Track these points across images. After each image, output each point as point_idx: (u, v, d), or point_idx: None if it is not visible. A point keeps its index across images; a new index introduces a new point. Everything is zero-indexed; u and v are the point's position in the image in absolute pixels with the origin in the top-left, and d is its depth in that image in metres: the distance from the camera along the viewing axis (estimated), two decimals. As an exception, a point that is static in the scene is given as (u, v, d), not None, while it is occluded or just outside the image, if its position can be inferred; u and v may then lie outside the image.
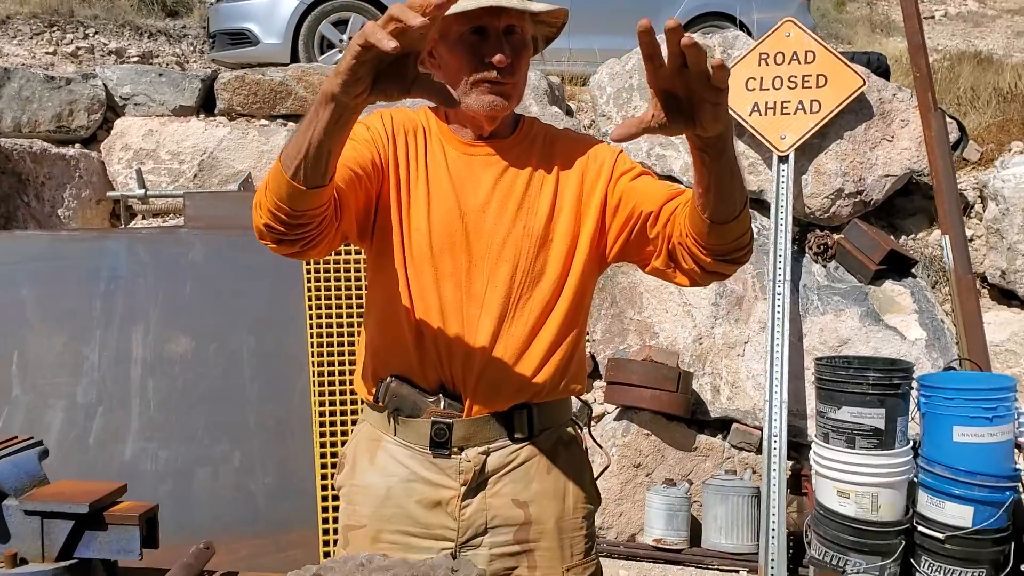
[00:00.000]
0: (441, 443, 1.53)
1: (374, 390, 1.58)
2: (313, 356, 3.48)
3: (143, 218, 4.05)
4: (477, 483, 1.53)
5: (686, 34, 1.13)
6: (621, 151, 1.64)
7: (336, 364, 3.48)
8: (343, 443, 3.40)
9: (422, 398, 1.54)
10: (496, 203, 1.55)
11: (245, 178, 3.85)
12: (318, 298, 3.57)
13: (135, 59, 6.19)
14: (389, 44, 1.06)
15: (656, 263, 1.52)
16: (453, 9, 1.38)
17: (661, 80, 1.18)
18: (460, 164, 1.57)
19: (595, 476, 1.68)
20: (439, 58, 1.53)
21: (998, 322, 3.92)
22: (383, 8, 6.04)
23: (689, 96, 1.19)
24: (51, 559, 1.30)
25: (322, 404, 3.41)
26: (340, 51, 5.98)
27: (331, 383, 3.45)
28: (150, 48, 6.88)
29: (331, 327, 3.52)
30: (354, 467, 1.62)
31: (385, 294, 1.56)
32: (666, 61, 1.17)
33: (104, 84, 4.28)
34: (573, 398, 1.68)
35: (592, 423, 3.84)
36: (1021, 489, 3.18)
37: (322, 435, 3.36)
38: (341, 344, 3.51)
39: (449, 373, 1.52)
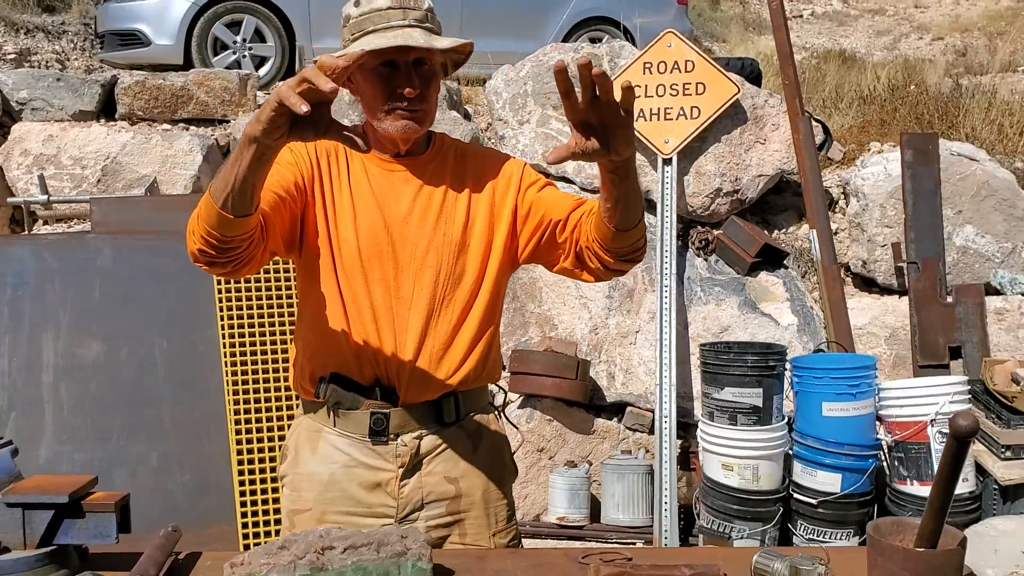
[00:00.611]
0: (379, 431, 1.70)
1: (314, 388, 1.75)
2: (226, 356, 3.57)
3: (46, 224, 4.04)
4: (412, 464, 1.72)
5: (595, 67, 1.34)
6: (525, 164, 1.85)
7: (249, 363, 3.57)
8: (258, 439, 3.54)
9: (360, 393, 1.71)
10: (417, 214, 1.72)
11: (151, 183, 3.90)
12: (228, 299, 3.66)
13: (12, 56, 6.05)
14: (302, 108, 1.23)
15: (565, 264, 1.74)
16: (368, 47, 1.58)
17: (578, 113, 1.38)
18: (381, 180, 1.73)
19: (512, 451, 1.90)
20: (357, 85, 1.69)
21: (860, 307, 4.29)
22: (275, 10, 6.10)
23: (603, 124, 1.39)
24: (32, 546, 1.42)
25: (236, 403, 3.50)
26: (234, 52, 6.00)
27: (244, 381, 3.54)
28: (28, 45, 6.69)
29: (243, 327, 3.62)
30: (297, 457, 1.79)
31: (319, 300, 1.72)
32: (579, 95, 1.37)
33: (-1, 89, 4.24)
34: (491, 385, 1.89)
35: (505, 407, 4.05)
36: (882, 457, 3.55)
37: (238, 432, 3.46)
38: (253, 343, 3.60)
39: (384, 369, 1.69)
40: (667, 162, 4.19)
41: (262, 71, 6.20)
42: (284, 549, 1.37)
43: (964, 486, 3.31)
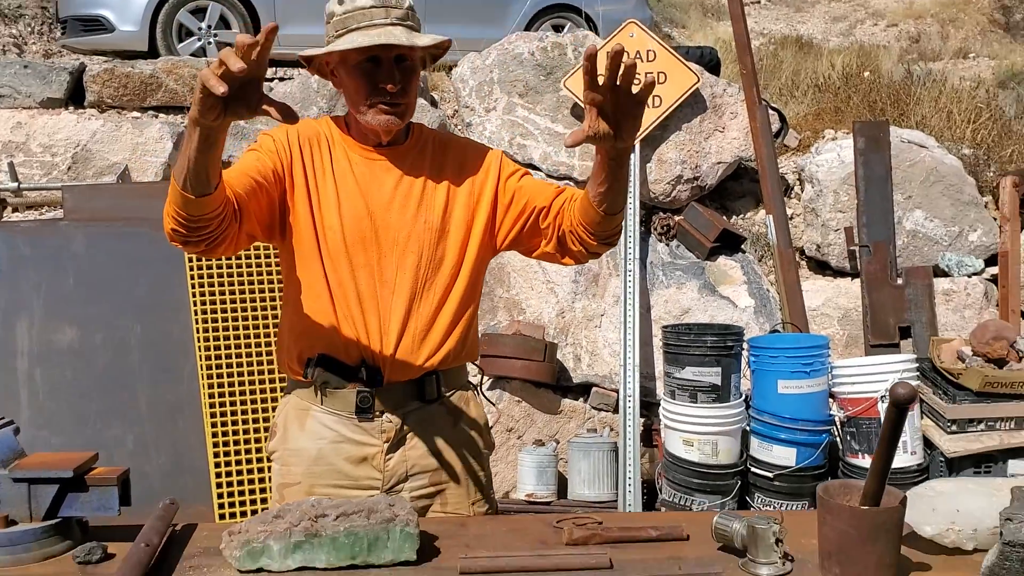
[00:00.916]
0: (365, 409, 1.80)
1: (302, 368, 1.84)
2: (200, 340, 3.63)
3: (16, 211, 4.06)
4: (397, 439, 1.82)
5: (627, 56, 1.44)
6: (503, 154, 1.95)
7: (223, 347, 3.64)
8: (232, 422, 3.61)
9: (346, 372, 1.81)
10: (399, 201, 1.80)
11: (123, 171, 3.93)
12: (201, 285, 3.71)
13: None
14: (219, 90, 1.30)
15: (546, 248, 1.85)
16: (350, 45, 1.67)
17: (597, 97, 1.48)
18: (364, 169, 1.82)
19: (490, 426, 2.01)
20: (341, 79, 1.78)
21: (814, 290, 4.45)
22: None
23: (616, 111, 1.49)
24: (38, 519, 1.51)
25: (211, 386, 3.57)
26: (199, 39, 6.00)
27: (219, 365, 3.60)
28: (-18, 29, 6.62)
29: (215, 312, 3.68)
30: (285, 434, 1.88)
31: (305, 284, 1.80)
32: (601, 81, 1.45)
33: (-36, 76, 4.24)
34: (469, 364, 2.00)
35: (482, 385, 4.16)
36: (835, 432, 3.72)
37: (212, 415, 3.52)
38: (226, 328, 3.67)
39: (369, 350, 1.79)
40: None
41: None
42: (279, 518, 1.47)
43: (912, 459, 3.49)
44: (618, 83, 1.45)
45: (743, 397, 3.67)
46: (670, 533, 1.58)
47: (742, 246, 4.50)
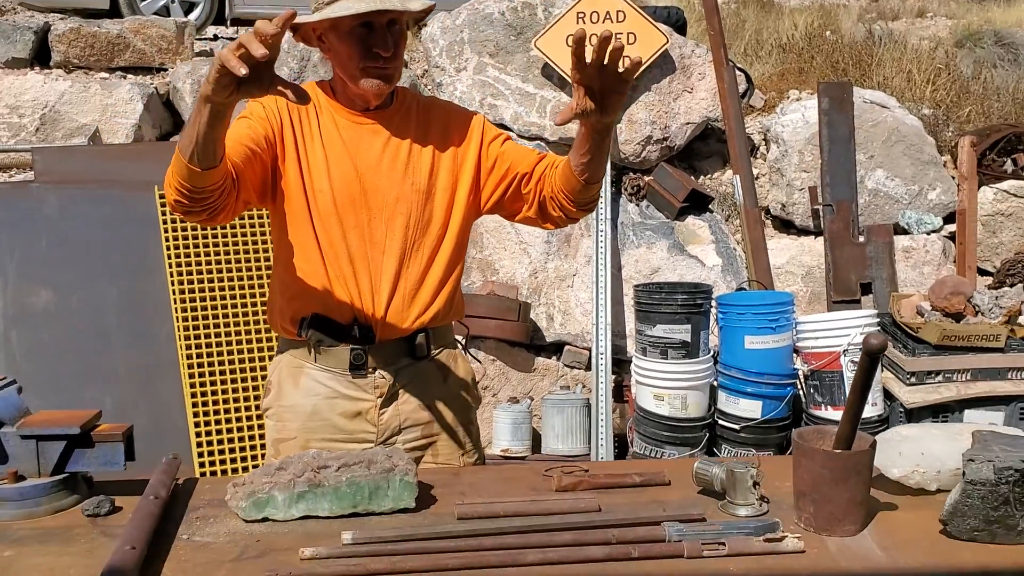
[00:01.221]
0: (359, 366, 1.87)
1: (295, 328, 1.89)
2: (176, 302, 3.66)
3: (-16, 173, 4.03)
4: (390, 394, 1.89)
5: (615, 39, 1.48)
6: (484, 118, 2.00)
7: (199, 308, 3.67)
8: (212, 382, 3.64)
9: (339, 331, 1.86)
10: (386, 163, 1.85)
11: (94, 132, 3.91)
12: (177, 246, 3.73)
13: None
14: (241, 71, 1.36)
15: (528, 213, 1.91)
16: (346, 11, 1.69)
17: (585, 76, 1.54)
18: (351, 133, 1.86)
19: (476, 382, 2.08)
20: (330, 44, 1.79)
21: (779, 248, 4.56)
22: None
23: (603, 89, 1.55)
24: (46, 474, 1.56)
25: (188, 347, 3.60)
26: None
27: (196, 326, 3.63)
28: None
29: (191, 273, 3.70)
30: (280, 391, 1.94)
31: (297, 247, 1.86)
32: (589, 59, 1.51)
33: (-75, 35, 4.16)
34: (456, 323, 2.07)
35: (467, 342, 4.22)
36: (799, 385, 3.85)
37: (191, 376, 3.56)
38: (203, 289, 3.69)
39: (361, 309, 1.85)
40: (600, 110, 4.35)
41: (192, 16, 6.14)
42: (282, 470, 1.54)
43: (873, 410, 3.63)
44: (605, 63, 1.51)
45: (711, 353, 3.78)
46: (652, 479, 1.67)
47: (709, 206, 4.58)
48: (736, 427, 3.68)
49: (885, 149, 4.54)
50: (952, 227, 4.53)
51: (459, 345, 2.07)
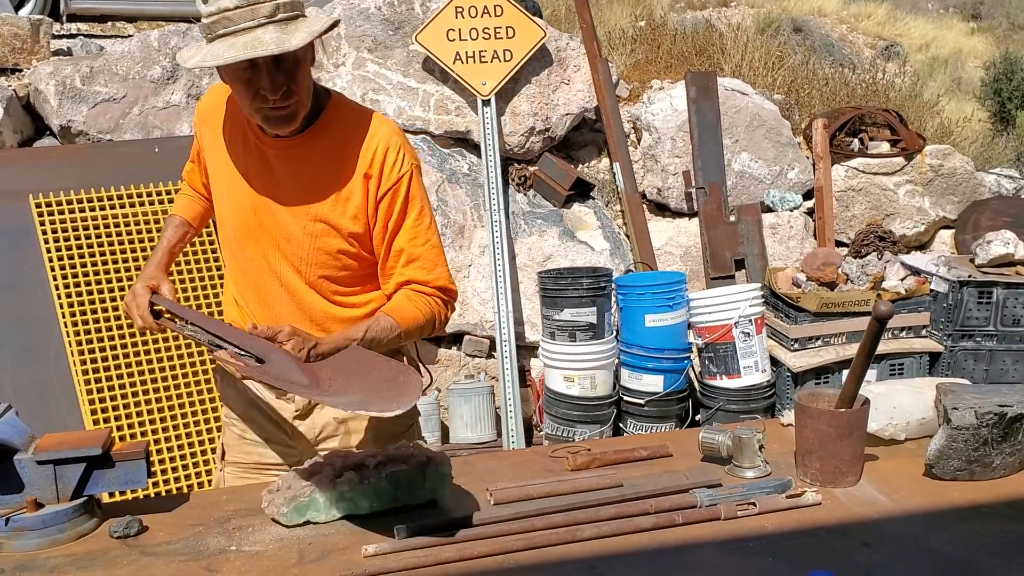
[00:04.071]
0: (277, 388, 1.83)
1: None
2: (65, 317, 3.47)
3: None
4: (307, 409, 1.88)
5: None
6: (406, 175, 1.76)
7: (91, 322, 3.50)
8: (111, 396, 3.48)
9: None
10: (282, 197, 1.75)
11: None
12: (60, 259, 3.54)
13: None
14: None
15: None
16: (215, 61, 1.54)
17: None
18: (254, 157, 1.76)
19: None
20: (226, 81, 1.66)
21: (657, 230, 4.79)
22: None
23: None
24: (65, 499, 1.50)
25: (84, 363, 3.43)
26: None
27: (89, 340, 3.47)
28: None
29: (79, 286, 3.53)
30: (223, 381, 1.98)
31: (223, 261, 1.89)
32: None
33: None
34: None
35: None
36: (692, 358, 4.09)
37: (89, 392, 3.40)
38: (92, 301, 3.53)
39: None
40: (486, 103, 4.45)
41: (23, 12, 5.75)
42: (316, 473, 1.55)
43: (763, 376, 3.91)
44: None
45: (614, 333, 3.96)
46: (657, 452, 1.79)
47: (591, 193, 4.76)
48: (641, 402, 3.87)
49: (748, 133, 4.86)
50: (811, 203, 4.91)
51: (399, 355, 1.92)
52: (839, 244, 4.83)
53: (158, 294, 1.79)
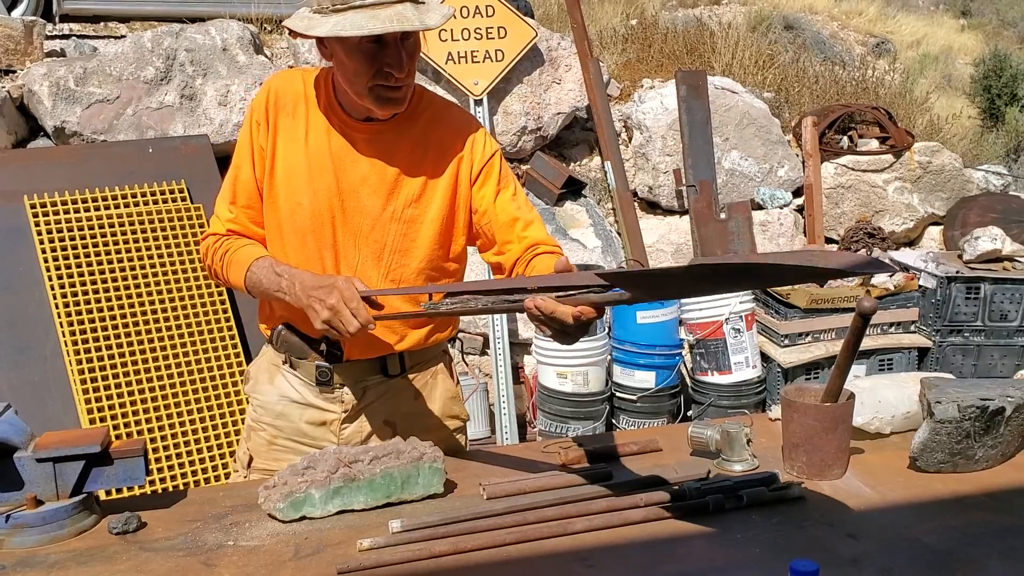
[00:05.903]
0: (325, 382, 1.81)
1: (269, 331, 1.87)
2: (61, 317, 3.49)
3: None
4: (355, 411, 1.84)
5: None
6: (497, 155, 1.80)
7: (87, 321, 3.51)
8: (107, 396, 3.50)
9: (307, 345, 1.81)
10: (371, 185, 1.71)
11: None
12: (55, 259, 3.55)
13: None
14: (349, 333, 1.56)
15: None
16: (358, 31, 1.52)
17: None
18: (340, 143, 1.71)
19: (464, 398, 2.04)
20: (333, 52, 1.61)
21: (648, 228, 4.83)
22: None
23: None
24: (64, 496, 1.53)
25: (80, 363, 3.45)
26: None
27: (85, 340, 3.48)
28: None
29: (74, 286, 3.54)
30: (256, 384, 1.91)
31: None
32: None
33: None
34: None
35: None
36: (684, 355, 4.12)
37: (86, 391, 3.41)
38: (88, 301, 3.54)
39: None
40: (479, 103, 4.48)
41: (16, 12, 5.75)
42: (311, 468, 1.57)
43: (753, 372, 3.95)
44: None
45: (607, 330, 3.99)
46: (647, 446, 1.82)
47: (583, 191, 4.79)
48: (633, 398, 3.91)
49: (738, 131, 4.90)
50: (800, 200, 4.95)
51: (446, 358, 1.94)
52: (829, 241, 4.87)
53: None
